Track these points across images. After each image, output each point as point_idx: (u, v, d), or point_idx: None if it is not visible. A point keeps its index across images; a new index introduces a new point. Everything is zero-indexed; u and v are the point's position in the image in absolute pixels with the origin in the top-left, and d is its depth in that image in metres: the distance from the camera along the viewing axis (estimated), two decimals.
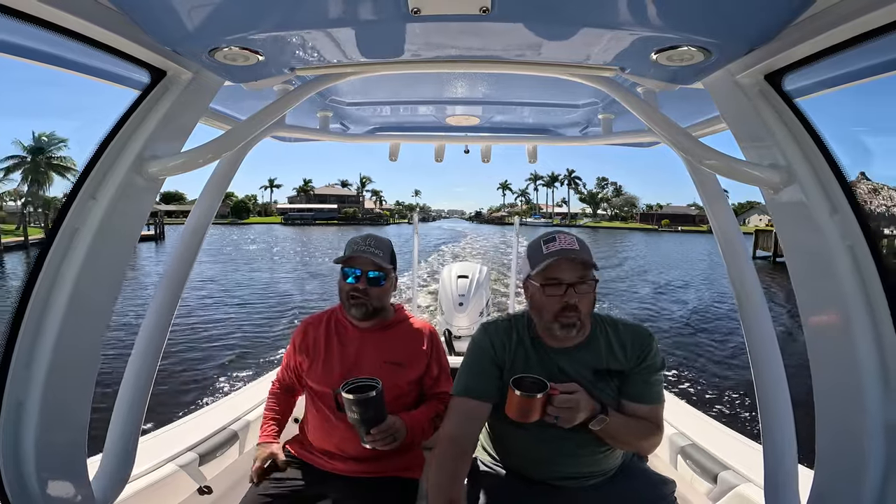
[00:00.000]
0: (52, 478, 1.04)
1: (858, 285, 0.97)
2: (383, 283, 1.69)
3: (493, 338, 1.50)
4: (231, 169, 1.62)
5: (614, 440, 1.41)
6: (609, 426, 1.35)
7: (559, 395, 1.29)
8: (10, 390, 0.98)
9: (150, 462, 1.74)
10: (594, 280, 1.38)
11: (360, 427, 1.48)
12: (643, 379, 1.44)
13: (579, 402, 1.30)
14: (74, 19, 0.88)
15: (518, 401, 1.28)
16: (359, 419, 1.46)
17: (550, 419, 1.29)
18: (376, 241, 1.71)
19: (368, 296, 1.67)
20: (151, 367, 1.40)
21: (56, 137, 42.42)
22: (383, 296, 1.71)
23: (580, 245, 1.39)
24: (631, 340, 1.47)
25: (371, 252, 1.65)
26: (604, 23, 0.92)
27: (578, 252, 1.35)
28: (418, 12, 0.86)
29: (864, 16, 0.81)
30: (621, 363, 1.45)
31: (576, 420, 1.30)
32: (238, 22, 0.93)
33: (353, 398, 1.43)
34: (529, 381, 1.32)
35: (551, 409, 1.28)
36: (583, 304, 1.36)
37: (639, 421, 1.42)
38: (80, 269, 1.04)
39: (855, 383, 0.97)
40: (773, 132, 1.07)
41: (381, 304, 1.71)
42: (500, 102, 1.92)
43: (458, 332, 4.17)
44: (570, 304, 1.34)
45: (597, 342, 1.47)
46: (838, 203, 1.00)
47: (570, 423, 1.30)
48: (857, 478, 0.98)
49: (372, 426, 1.47)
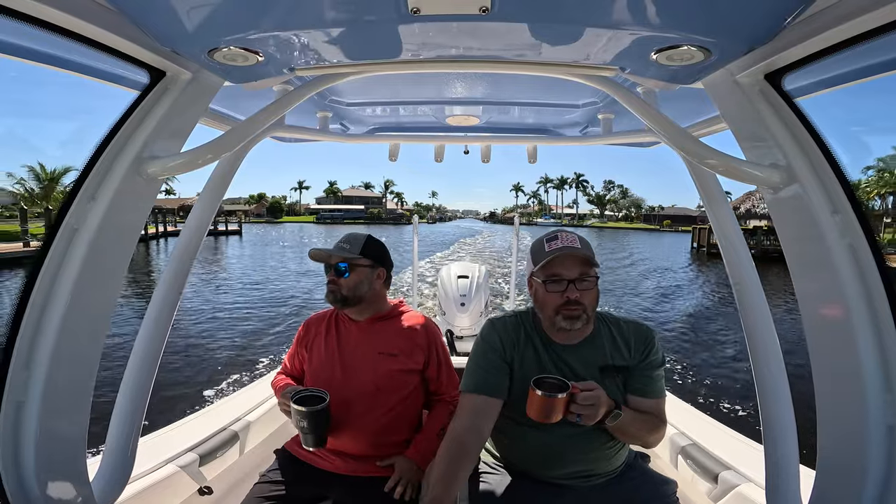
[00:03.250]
0: (52, 478, 1.04)
1: (859, 285, 0.97)
2: (347, 273, 1.74)
3: (501, 334, 1.51)
4: (231, 169, 1.62)
5: (625, 434, 1.43)
6: (622, 421, 1.35)
7: (581, 394, 1.29)
8: (9, 391, 0.98)
9: (151, 462, 1.74)
10: (595, 277, 1.40)
11: (307, 435, 1.58)
12: (647, 374, 1.47)
13: (600, 399, 1.30)
14: (74, 20, 0.88)
15: (541, 401, 1.27)
16: (304, 427, 1.56)
17: (573, 418, 1.29)
18: (350, 237, 1.81)
19: (338, 285, 1.74)
20: (151, 367, 1.40)
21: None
22: (354, 286, 1.75)
23: (581, 243, 1.41)
24: (634, 337, 1.49)
25: (339, 247, 1.78)
26: (604, 22, 0.92)
27: (579, 249, 1.38)
28: (418, 12, 0.86)
29: (864, 15, 0.81)
30: (625, 359, 1.47)
31: (597, 417, 1.30)
32: (237, 22, 0.93)
33: (304, 410, 1.53)
34: (550, 382, 1.32)
35: (574, 408, 1.28)
36: (585, 298, 1.38)
37: (646, 414, 1.44)
38: (80, 269, 1.03)
39: (856, 383, 0.97)
40: (773, 132, 1.07)
41: (351, 294, 1.74)
42: (499, 102, 1.92)
43: (459, 333, 4.16)
44: (571, 300, 1.37)
45: (600, 339, 1.48)
46: (839, 202, 0.99)
47: (592, 421, 1.30)
48: (858, 478, 0.98)
49: (315, 435, 1.58)
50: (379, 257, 1.81)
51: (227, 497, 2.02)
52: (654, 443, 1.50)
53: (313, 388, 1.62)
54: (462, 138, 2.38)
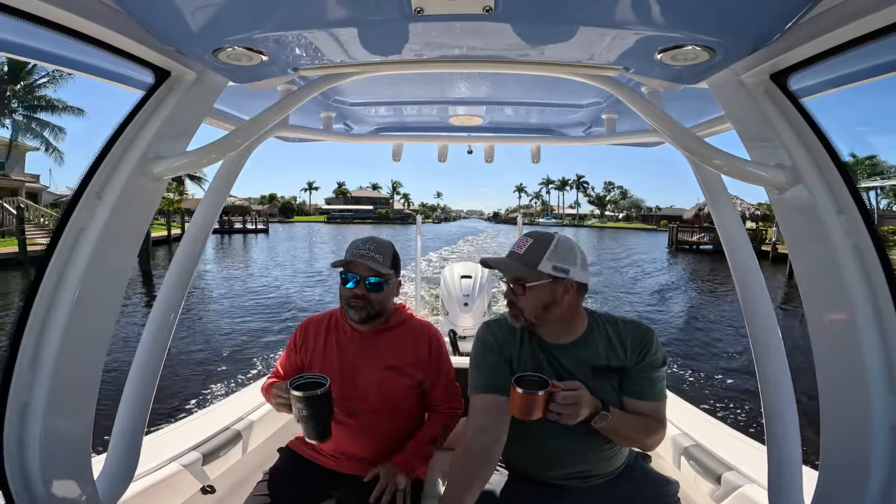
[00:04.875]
0: (57, 477, 1.05)
1: (865, 286, 0.96)
2: (383, 289, 1.66)
3: (496, 335, 1.52)
4: (235, 169, 1.62)
5: (617, 436, 1.42)
6: (611, 422, 1.35)
7: (561, 393, 1.29)
8: (15, 390, 0.98)
9: (154, 461, 1.74)
10: (523, 284, 1.41)
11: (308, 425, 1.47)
12: (645, 376, 1.44)
13: (581, 399, 1.30)
14: (80, 20, 0.89)
15: (520, 399, 1.28)
16: (306, 416, 1.44)
17: (553, 416, 1.29)
18: (377, 244, 1.66)
19: (369, 301, 1.64)
20: (156, 367, 1.41)
21: None
22: (385, 301, 1.68)
23: (528, 248, 1.43)
24: (631, 337, 1.47)
25: (370, 257, 1.61)
26: (607, 22, 0.92)
27: (519, 255, 1.43)
28: (421, 12, 0.86)
29: (870, 15, 0.81)
30: (622, 360, 1.45)
31: (578, 417, 1.30)
32: (241, 22, 0.93)
33: (302, 395, 1.41)
34: (531, 379, 1.33)
35: (553, 406, 1.29)
36: (522, 301, 1.42)
37: (641, 417, 1.42)
38: (85, 268, 1.04)
39: (860, 384, 0.97)
40: (779, 132, 1.06)
41: (381, 309, 1.68)
42: (503, 102, 1.92)
43: (462, 333, 4.15)
44: (511, 302, 1.45)
45: (594, 339, 1.47)
46: (844, 203, 0.99)
47: (572, 420, 1.30)
48: (861, 479, 0.97)
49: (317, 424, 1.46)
50: (399, 267, 1.75)
51: (230, 496, 2.02)
52: (651, 446, 1.49)
53: (312, 374, 1.50)
54: (465, 138, 2.38)
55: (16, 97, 30.22)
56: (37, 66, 10.08)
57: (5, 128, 30.30)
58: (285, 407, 1.53)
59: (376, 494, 1.53)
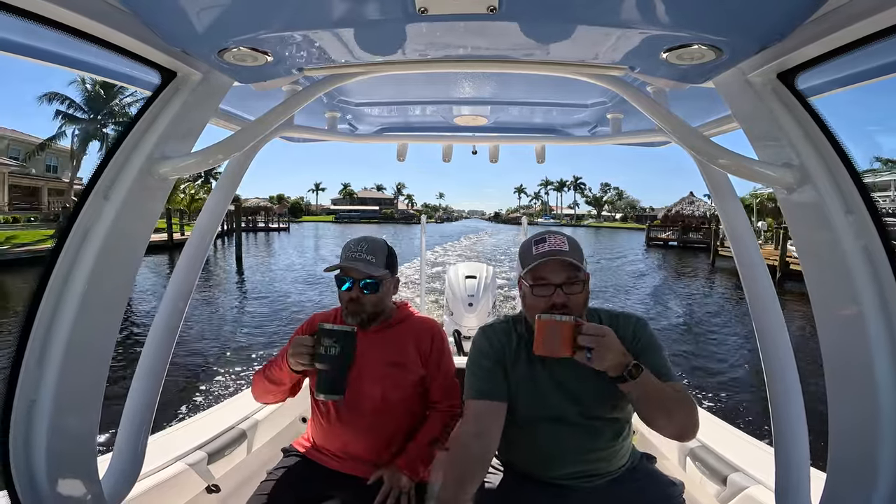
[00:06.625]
0: (63, 475, 1.06)
1: (873, 286, 0.95)
2: (379, 289, 1.66)
3: (491, 339, 1.51)
4: (240, 169, 1.63)
5: (648, 402, 1.31)
6: (643, 382, 1.27)
7: (589, 324, 1.27)
8: (22, 388, 0.99)
9: (160, 460, 1.75)
10: (581, 281, 1.37)
11: (333, 367, 1.44)
12: (651, 358, 1.39)
13: (610, 335, 1.27)
14: (86, 21, 0.89)
15: (546, 327, 1.24)
16: (333, 356, 1.42)
17: (582, 356, 1.25)
18: (370, 245, 1.67)
19: (363, 303, 1.65)
20: (162, 366, 1.42)
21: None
22: (379, 302, 1.69)
23: (570, 245, 1.39)
24: (623, 329, 1.43)
25: (364, 259, 1.62)
26: (613, 21, 0.91)
27: (567, 253, 1.36)
28: (425, 12, 0.86)
29: (878, 14, 0.80)
30: None
31: (608, 358, 1.25)
32: (246, 22, 0.94)
33: (336, 328, 1.43)
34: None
35: (582, 339, 1.25)
36: (572, 302, 1.36)
37: (670, 387, 1.35)
38: (92, 268, 1.04)
39: (869, 385, 0.96)
40: (787, 131, 1.05)
41: (376, 310, 1.70)
42: (508, 102, 1.92)
43: (467, 333, 4.15)
44: (556, 304, 1.35)
45: None
46: (853, 203, 0.98)
47: (602, 361, 1.24)
48: (869, 482, 0.96)
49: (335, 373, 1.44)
50: (395, 265, 1.76)
51: (234, 495, 2.03)
52: (688, 427, 1.35)
53: (336, 325, 1.47)
54: (470, 138, 2.38)
55: (112, 116, 31.71)
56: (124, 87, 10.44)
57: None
58: (306, 357, 1.47)
59: (381, 498, 1.53)
